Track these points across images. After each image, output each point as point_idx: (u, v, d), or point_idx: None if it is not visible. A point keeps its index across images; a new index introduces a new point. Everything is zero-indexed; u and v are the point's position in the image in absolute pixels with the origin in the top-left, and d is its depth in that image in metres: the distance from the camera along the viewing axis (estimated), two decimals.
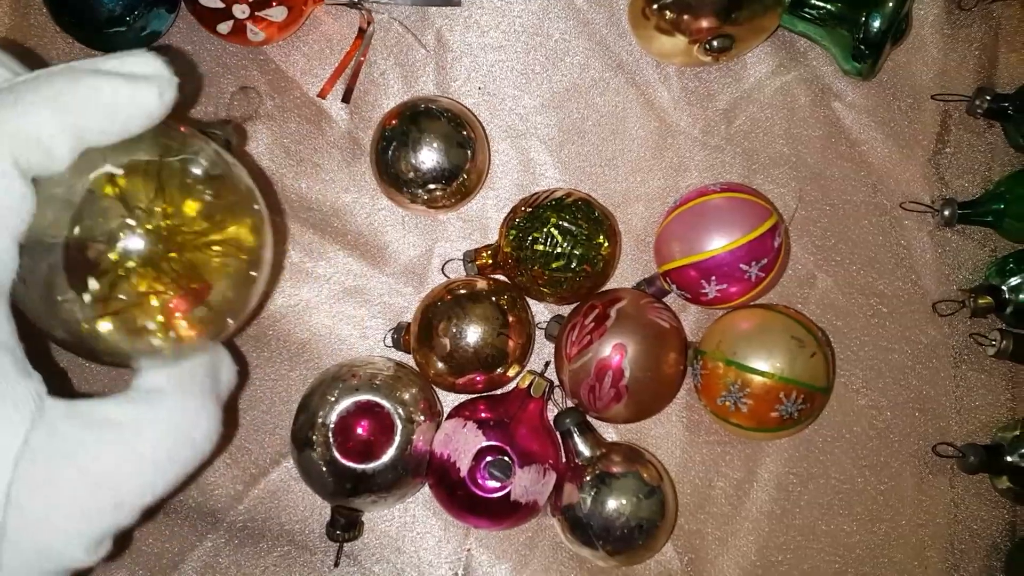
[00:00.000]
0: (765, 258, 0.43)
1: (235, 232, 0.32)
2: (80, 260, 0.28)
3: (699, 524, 0.48)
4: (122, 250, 0.28)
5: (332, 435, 0.42)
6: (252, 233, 0.32)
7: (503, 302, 0.45)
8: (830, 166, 0.50)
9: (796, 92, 0.50)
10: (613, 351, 0.43)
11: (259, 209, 0.33)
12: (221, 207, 0.31)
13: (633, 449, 0.46)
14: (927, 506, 0.48)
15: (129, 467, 0.28)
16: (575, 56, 0.50)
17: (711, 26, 0.44)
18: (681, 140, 0.50)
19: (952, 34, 0.50)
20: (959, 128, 0.50)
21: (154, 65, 0.28)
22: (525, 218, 0.45)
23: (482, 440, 0.43)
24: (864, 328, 0.49)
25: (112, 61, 0.28)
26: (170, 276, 0.29)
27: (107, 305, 0.28)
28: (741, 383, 0.43)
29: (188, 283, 0.29)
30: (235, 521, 0.47)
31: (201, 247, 0.30)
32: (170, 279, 0.29)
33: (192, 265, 0.29)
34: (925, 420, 0.49)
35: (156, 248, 0.28)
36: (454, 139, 0.44)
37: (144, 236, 0.28)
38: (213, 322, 0.31)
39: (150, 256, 0.28)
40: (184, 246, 0.29)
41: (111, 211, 0.28)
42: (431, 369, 0.45)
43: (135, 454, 0.28)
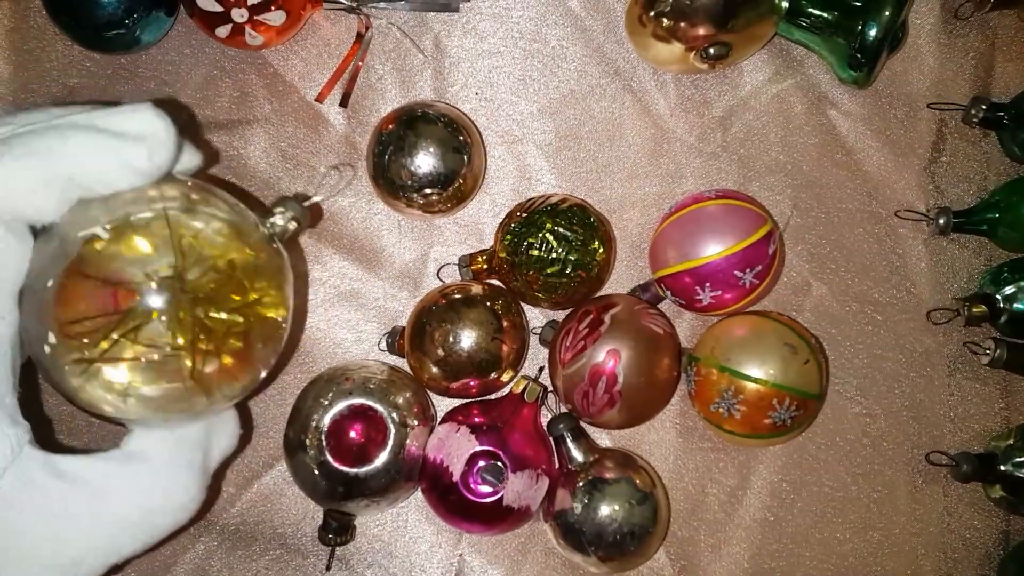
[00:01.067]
0: (759, 265, 0.43)
1: (256, 302, 0.31)
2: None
3: (692, 531, 0.48)
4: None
5: (325, 438, 0.42)
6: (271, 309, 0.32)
7: (497, 307, 0.45)
8: (825, 174, 0.50)
9: (792, 100, 0.50)
10: (607, 357, 0.43)
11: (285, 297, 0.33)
12: (244, 276, 0.30)
13: (626, 455, 0.46)
14: (920, 514, 0.48)
15: (92, 526, 0.28)
16: (572, 62, 0.50)
17: (707, 33, 0.45)
18: (677, 147, 0.50)
19: (948, 43, 0.51)
20: (955, 137, 0.50)
21: (152, 125, 0.28)
22: (520, 223, 0.45)
23: (475, 445, 0.43)
24: (858, 336, 0.49)
25: (112, 117, 0.28)
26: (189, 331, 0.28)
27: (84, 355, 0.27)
28: (734, 389, 0.43)
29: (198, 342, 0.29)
30: (228, 524, 0.47)
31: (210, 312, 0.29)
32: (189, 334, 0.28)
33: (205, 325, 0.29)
34: (919, 428, 0.49)
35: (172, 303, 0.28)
36: (450, 144, 0.45)
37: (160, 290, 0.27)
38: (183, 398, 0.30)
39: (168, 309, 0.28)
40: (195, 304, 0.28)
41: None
42: (425, 373, 0.45)
43: (99, 514, 0.28)
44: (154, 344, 0.27)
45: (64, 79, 0.49)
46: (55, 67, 0.49)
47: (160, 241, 0.28)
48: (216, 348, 0.29)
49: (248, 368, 0.32)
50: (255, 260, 0.31)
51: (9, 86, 0.49)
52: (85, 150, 0.28)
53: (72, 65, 0.49)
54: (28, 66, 0.49)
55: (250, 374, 0.32)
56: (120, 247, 0.28)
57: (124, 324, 0.27)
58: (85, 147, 0.27)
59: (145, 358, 0.28)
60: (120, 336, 0.27)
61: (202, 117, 0.49)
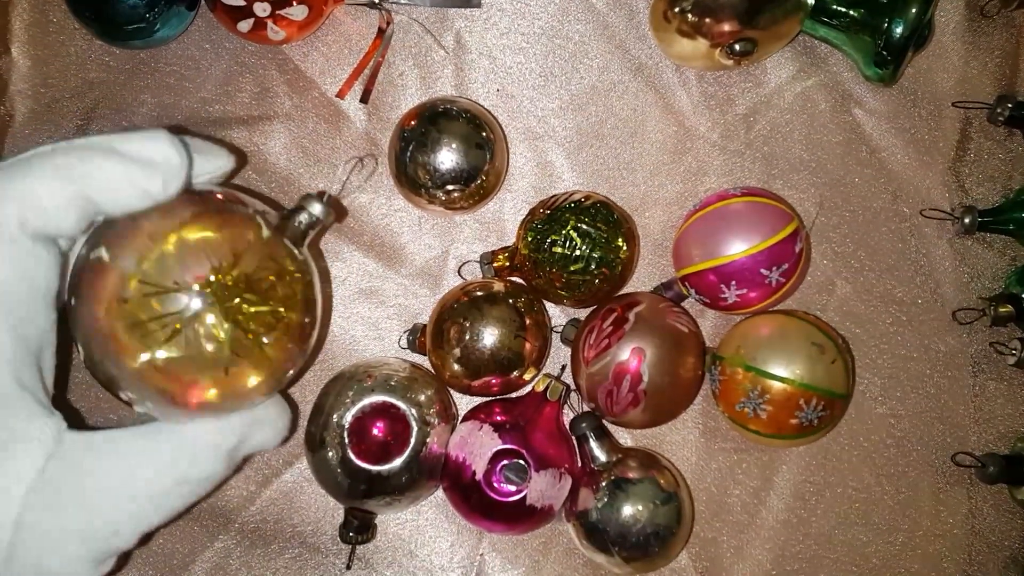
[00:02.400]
0: (786, 263, 0.43)
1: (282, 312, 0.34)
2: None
3: (715, 532, 0.48)
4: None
5: (347, 436, 0.42)
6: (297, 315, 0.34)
7: (520, 304, 0.44)
8: (850, 172, 0.49)
9: (816, 98, 0.49)
10: (631, 355, 0.42)
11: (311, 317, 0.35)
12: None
13: (649, 455, 0.46)
14: (944, 516, 0.48)
15: (126, 497, 0.31)
16: (594, 59, 0.49)
17: (733, 30, 0.44)
18: (700, 144, 0.49)
19: (974, 41, 0.50)
20: (980, 136, 0.50)
21: (166, 153, 0.31)
22: (543, 220, 0.44)
23: (498, 443, 0.43)
24: (883, 336, 0.49)
25: (129, 143, 0.31)
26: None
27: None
28: (760, 389, 0.42)
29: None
30: (247, 522, 0.47)
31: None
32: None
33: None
34: (944, 429, 0.48)
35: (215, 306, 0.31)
36: (473, 140, 0.44)
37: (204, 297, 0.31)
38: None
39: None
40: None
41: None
42: (447, 371, 0.44)
43: (133, 486, 0.31)
44: (197, 340, 0.31)
45: (83, 73, 0.49)
46: (74, 61, 0.49)
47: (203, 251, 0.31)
48: (249, 347, 0.32)
49: (277, 368, 0.34)
50: (281, 264, 0.33)
51: (29, 80, 0.48)
52: (104, 172, 0.30)
53: (91, 59, 0.49)
54: (48, 60, 0.49)
55: (276, 375, 0.34)
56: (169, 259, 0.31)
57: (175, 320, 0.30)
58: (104, 169, 0.30)
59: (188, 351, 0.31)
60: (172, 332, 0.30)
61: (222, 112, 0.49)
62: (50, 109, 0.48)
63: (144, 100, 0.49)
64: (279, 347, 0.33)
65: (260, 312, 0.32)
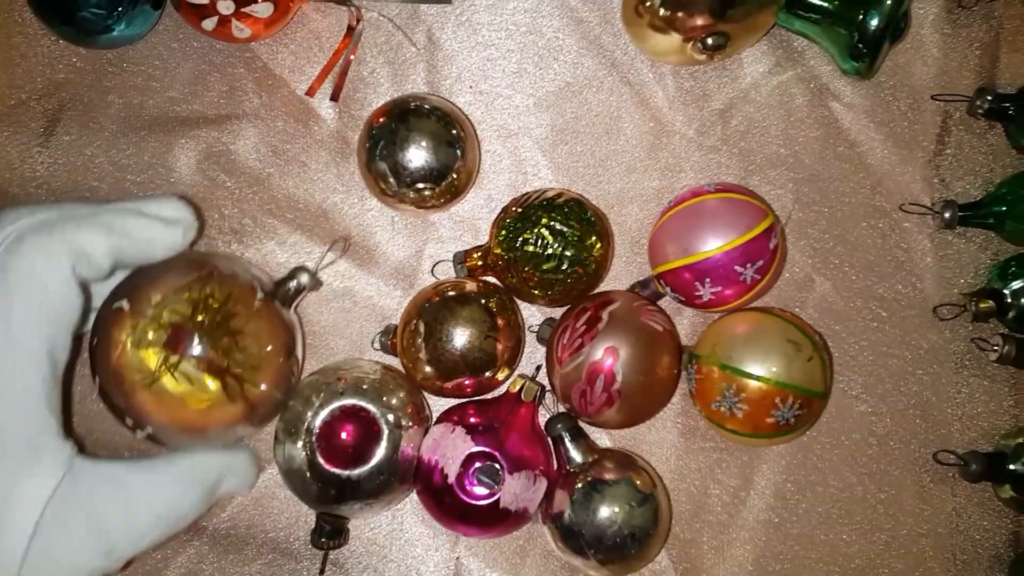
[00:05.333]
0: (761, 260, 0.42)
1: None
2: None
3: (694, 533, 0.47)
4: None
5: (316, 440, 0.41)
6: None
7: (492, 304, 0.44)
8: (828, 167, 0.49)
9: (793, 92, 0.49)
10: (605, 354, 0.42)
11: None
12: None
13: (626, 455, 0.45)
14: (928, 515, 0.47)
15: (125, 521, 0.35)
16: (568, 55, 0.49)
17: (705, 23, 0.44)
18: (676, 140, 0.49)
19: (952, 33, 0.49)
20: (960, 129, 0.49)
21: (182, 212, 0.41)
22: (515, 219, 0.44)
23: (471, 445, 0.42)
24: (863, 332, 0.48)
25: (151, 206, 0.40)
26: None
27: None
28: (736, 388, 0.42)
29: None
30: (219, 528, 0.46)
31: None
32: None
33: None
34: (926, 427, 0.48)
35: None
36: (443, 138, 0.44)
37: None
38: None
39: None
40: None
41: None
42: (418, 373, 0.44)
43: (133, 512, 0.36)
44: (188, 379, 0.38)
45: (51, 74, 0.48)
46: (41, 62, 0.48)
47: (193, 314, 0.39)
48: (236, 388, 0.39)
49: (258, 405, 0.41)
50: (270, 321, 0.41)
51: None
52: (139, 229, 0.38)
53: (58, 60, 0.48)
54: (14, 61, 0.48)
55: (258, 411, 0.41)
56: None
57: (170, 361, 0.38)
58: (139, 226, 0.38)
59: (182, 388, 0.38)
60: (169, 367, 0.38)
61: (190, 112, 0.48)
62: (16, 110, 0.48)
63: (112, 101, 0.48)
64: (261, 388, 0.40)
65: (247, 360, 0.39)
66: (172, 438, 0.40)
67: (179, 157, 0.48)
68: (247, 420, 0.41)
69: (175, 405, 0.38)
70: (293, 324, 0.43)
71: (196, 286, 0.39)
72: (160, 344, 0.37)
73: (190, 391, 0.38)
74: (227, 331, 0.38)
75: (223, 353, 0.38)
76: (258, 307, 0.40)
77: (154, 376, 0.37)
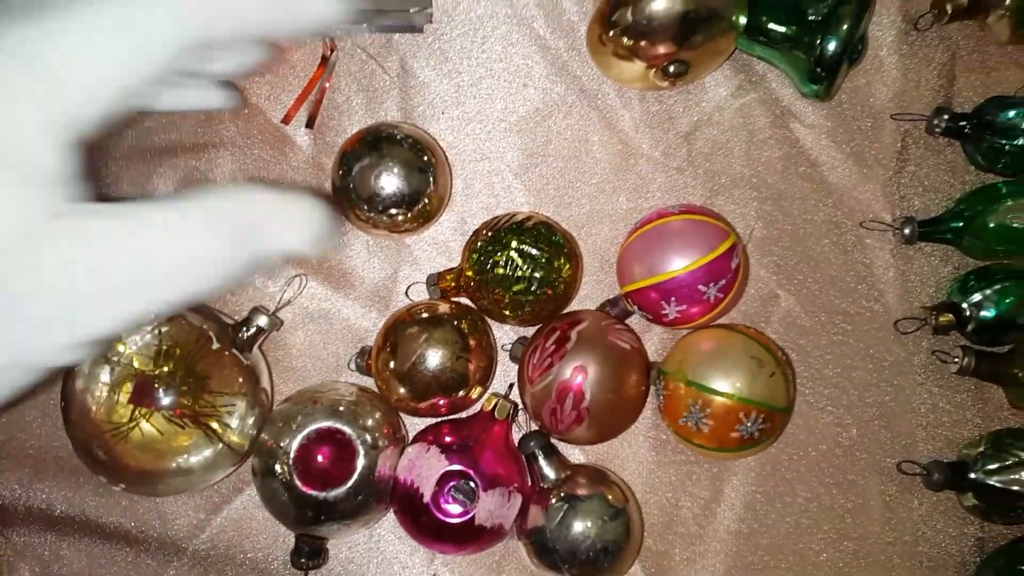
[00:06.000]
0: (723, 279, 0.43)
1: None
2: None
3: (667, 545, 0.48)
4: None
5: (293, 463, 0.42)
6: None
7: (464, 325, 0.45)
8: (791, 186, 0.50)
9: (755, 114, 0.50)
10: (574, 373, 0.43)
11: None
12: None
13: (598, 471, 0.46)
14: (895, 523, 0.48)
15: (125, 268, 0.25)
16: (538, 81, 0.50)
17: (668, 51, 0.45)
18: (643, 162, 0.50)
19: (910, 55, 0.51)
20: (919, 147, 0.51)
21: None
22: (486, 242, 0.45)
23: (445, 465, 0.43)
24: (827, 346, 0.49)
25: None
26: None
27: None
28: (702, 403, 0.43)
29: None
30: (198, 550, 0.47)
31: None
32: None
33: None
34: (891, 437, 0.49)
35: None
36: (415, 164, 0.45)
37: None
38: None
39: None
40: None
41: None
42: (393, 394, 0.45)
43: (135, 258, 0.25)
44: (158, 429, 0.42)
45: None
46: None
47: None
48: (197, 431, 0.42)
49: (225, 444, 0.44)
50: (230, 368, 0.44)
51: None
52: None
53: None
54: None
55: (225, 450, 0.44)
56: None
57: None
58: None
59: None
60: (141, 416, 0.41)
61: (167, 141, 0.49)
62: None
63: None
64: (233, 426, 0.43)
65: (209, 404, 0.42)
66: (154, 485, 0.43)
67: (157, 185, 0.49)
68: (227, 458, 0.43)
69: (152, 453, 0.41)
70: (255, 365, 0.45)
71: (159, 336, 0.41)
72: (127, 398, 0.40)
73: (163, 439, 0.41)
74: (193, 377, 0.41)
75: (192, 399, 0.41)
76: (217, 351, 0.43)
77: (127, 428, 0.40)
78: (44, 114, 0.25)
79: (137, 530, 0.47)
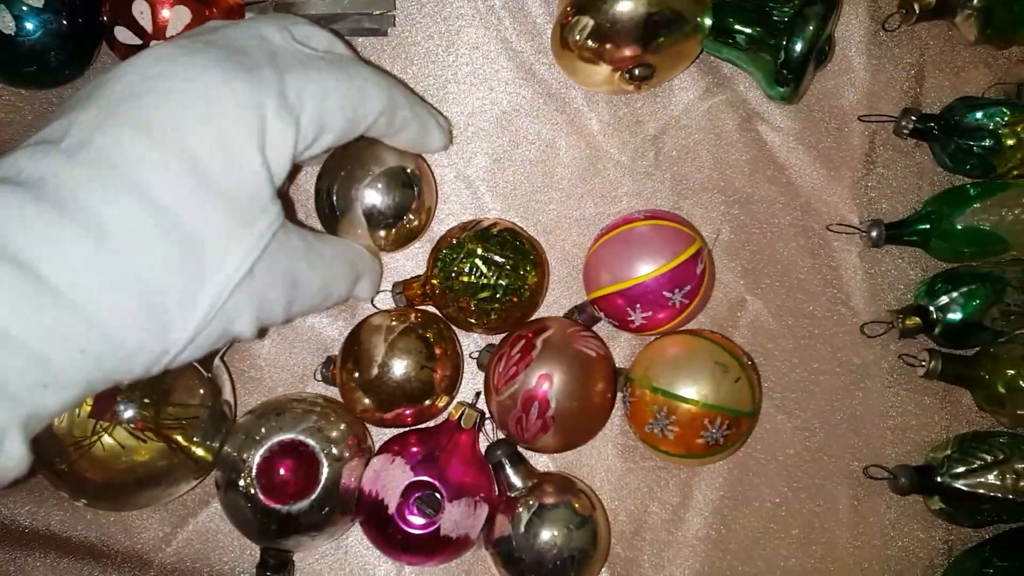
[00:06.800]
0: (688, 285, 0.43)
1: None
2: None
3: (635, 551, 0.48)
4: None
5: (256, 475, 0.42)
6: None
7: (429, 334, 0.44)
8: (758, 189, 0.50)
9: (723, 117, 0.50)
10: (539, 381, 0.43)
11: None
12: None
13: (565, 479, 0.46)
14: (863, 528, 0.49)
15: (309, 283, 0.37)
16: (504, 85, 0.50)
17: (633, 54, 0.45)
18: (611, 166, 0.50)
19: (879, 55, 0.51)
20: (887, 149, 0.51)
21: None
22: (451, 249, 0.44)
23: (410, 476, 0.43)
24: (795, 350, 0.49)
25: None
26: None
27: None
28: (667, 410, 0.43)
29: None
30: (164, 563, 0.47)
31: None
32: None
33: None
34: (858, 441, 0.49)
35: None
36: (399, 179, 0.44)
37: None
38: None
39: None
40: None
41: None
42: (357, 404, 0.44)
43: (314, 276, 0.37)
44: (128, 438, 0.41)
45: None
46: None
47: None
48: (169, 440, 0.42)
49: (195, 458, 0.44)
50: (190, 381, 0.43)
51: None
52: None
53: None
54: None
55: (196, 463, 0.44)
56: None
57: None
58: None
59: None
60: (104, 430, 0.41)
61: None
62: None
63: None
64: (195, 439, 0.43)
65: (172, 417, 0.42)
66: (117, 499, 0.43)
67: None
68: (191, 472, 0.43)
69: (116, 466, 0.40)
70: (217, 376, 0.44)
71: None
72: (88, 411, 0.40)
73: (125, 453, 0.40)
74: (155, 390, 0.41)
75: (154, 412, 0.41)
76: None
77: (89, 442, 0.39)
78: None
79: (103, 544, 0.47)
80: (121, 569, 0.46)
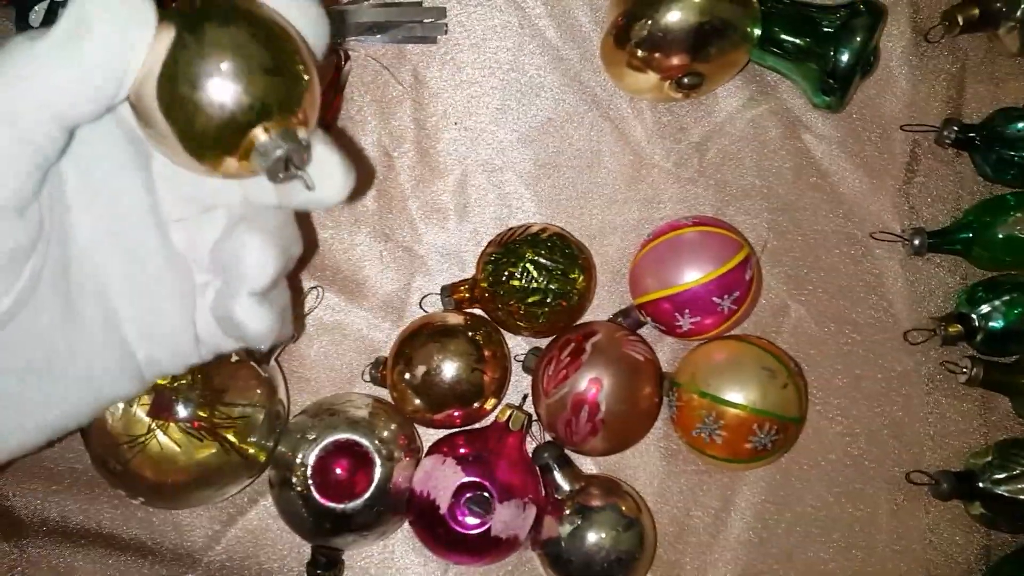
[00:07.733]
0: (737, 291, 0.44)
1: None
2: None
3: (677, 554, 0.48)
4: None
5: (311, 474, 0.43)
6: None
7: (479, 337, 0.45)
8: (801, 197, 0.50)
9: (767, 125, 0.50)
10: (589, 385, 0.43)
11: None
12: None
13: (611, 481, 0.46)
14: (903, 532, 0.49)
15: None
16: (550, 91, 0.50)
17: (682, 63, 0.45)
18: (655, 173, 0.50)
19: (920, 66, 0.51)
20: (928, 158, 0.51)
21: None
22: (500, 253, 0.45)
23: (461, 476, 0.44)
24: (837, 357, 0.50)
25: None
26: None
27: None
28: (715, 415, 0.43)
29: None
30: (213, 561, 0.47)
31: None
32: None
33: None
34: (899, 447, 0.49)
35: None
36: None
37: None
38: None
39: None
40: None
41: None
42: (408, 405, 0.45)
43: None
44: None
45: None
46: None
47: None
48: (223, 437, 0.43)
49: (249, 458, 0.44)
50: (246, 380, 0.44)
51: None
52: None
53: None
54: None
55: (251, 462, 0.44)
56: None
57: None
58: None
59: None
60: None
61: None
62: None
63: None
64: (251, 439, 0.43)
65: (227, 416, 0.42)
66: (172, 498, 0.43)
67: None
68: (244, 471, 0.43)
69: (171, 465, 0.41)
70: (272, 376, 0.45)
71: None
72: (145, 411, 0.40)
73: (181, 451, 0.41)
74: (210, 389, 0.41)
75: (209, 411, 0.41)
76: (235, 363, 0.43)
77: (144, 440, 0.40)
78: None
79: (152, 541, 0.47)
80: (170, 567, 0.47)
